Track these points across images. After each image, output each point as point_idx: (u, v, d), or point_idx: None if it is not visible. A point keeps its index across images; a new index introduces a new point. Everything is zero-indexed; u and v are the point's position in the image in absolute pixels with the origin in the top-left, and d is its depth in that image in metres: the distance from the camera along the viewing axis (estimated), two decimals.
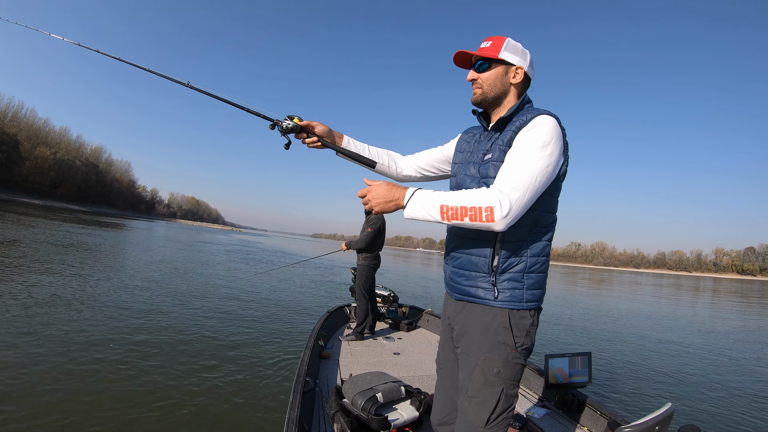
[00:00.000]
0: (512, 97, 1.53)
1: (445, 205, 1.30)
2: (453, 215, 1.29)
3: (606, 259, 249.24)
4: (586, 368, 3.06)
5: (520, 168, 1.30)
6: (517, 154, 1.34)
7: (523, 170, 1.29)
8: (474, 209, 1.26)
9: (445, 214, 1.29)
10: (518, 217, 1.28)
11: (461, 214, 1.27)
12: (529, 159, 1.31)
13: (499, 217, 1.24)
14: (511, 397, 1.41)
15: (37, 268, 9.26)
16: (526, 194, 1.28)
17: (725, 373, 6.76)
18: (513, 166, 1.32)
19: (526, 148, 1.33)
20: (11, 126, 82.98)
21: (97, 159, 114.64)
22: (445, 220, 1.30)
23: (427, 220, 1.33)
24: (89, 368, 4.15)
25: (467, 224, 1.29)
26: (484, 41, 1.52)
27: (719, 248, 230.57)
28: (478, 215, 1.25)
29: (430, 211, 1.32)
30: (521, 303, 1.40)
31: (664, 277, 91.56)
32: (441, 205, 1.30)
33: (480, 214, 1.25)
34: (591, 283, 35.80)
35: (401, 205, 1.38)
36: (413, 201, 1.35)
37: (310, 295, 11.11)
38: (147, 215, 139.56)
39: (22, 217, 26.44)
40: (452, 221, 1.30)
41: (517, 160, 1.33)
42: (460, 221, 1.28)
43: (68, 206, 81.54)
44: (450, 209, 1.29)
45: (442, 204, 1.30)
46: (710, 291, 39.16)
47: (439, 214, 1.30)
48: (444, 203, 1.30)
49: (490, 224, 1.25)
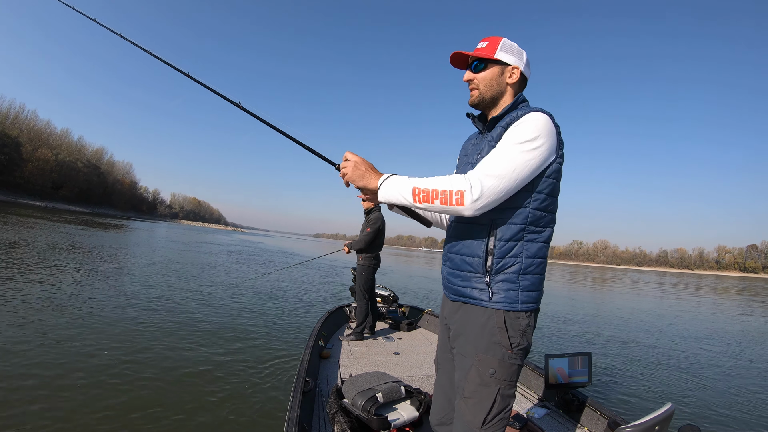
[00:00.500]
0: (508, 96, 1.54)
1: (417, 187, 1.32)
2: (424, 197, 1.31)
3: (608, 258, 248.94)
4: (586, 368, 3.06)
5: (499, 157, 1.31)
6: (500, 146, 1.36)
7: (502, 160, 1.30)
8: (445, 192, 1.28)
9: (417, 196, 1.32)
10: (491, 205, 1.30)
11: (432, 197, 1.30)
12: (511, 150, 1.32)
13: (468, 202, 1.26)
14: (507, 397, 1.41)
15: (34, 270, 9.28)
16: (501, 183, 1.28)
17: (726, 373, 6.74)
18: (493, 156, 1.33)
19: (510, 140, 1.34)
20: (13, 128, 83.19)
21: (98, 160, 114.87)
22: (416, 202, 1.33)
23: (401, 202, 1.36)
24: (89, 368, 4.15)
25: (437, 207, 1.31)
26: (480, 42, 1.53)
27: (722, 246, 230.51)
28: (449, 198, 1.28)
29: (404, 194, 1.34)
30: (516, 304, 1.39)
31: (666, 275, 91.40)
32: (413, 188, 1.33)
33: (450, 197, 1.27)
34: (592, 282, 35.77)
35: (374, 187, 1.40)
36: (387, 184, 1.38)
37: (311, 296, 11.12)
38: (149, 216, 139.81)
39: (23, 219, 26.52)
40: (423, 203, 1.32)
41: (498, 151, 1.34)
42: (431, 203, 1.31)
43: (70, 207, 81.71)
44: (422, 191, 1.31)
45: (414, 186, 1.33)
46: (712, 289, 39.03)
47: (411, 196, 1.33)
48: (417, 186, 1.32)
49: (459, 208, 1.27)
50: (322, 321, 4.64)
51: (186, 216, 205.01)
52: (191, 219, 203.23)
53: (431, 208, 1.32)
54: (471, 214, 1.29)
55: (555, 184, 1.43)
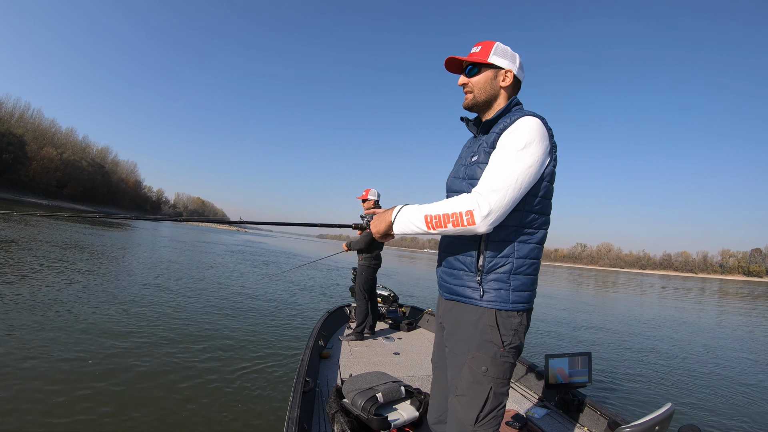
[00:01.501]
0: (502, 99, 1.56)
1: (428, 214, 1.35)
2: (437, 223, 1.34)
3: (612, 260, 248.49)
4: (586, 368, 3.06)
5: (500, 169, 1.33)
6: (498, 156, 1.38)
7: (503, 171, 1.33)
8: (455, 215, 1.31)
9: (430, 223, 1.35)
10: (501, 218, 1.32)
11: (444, 221, 1.33)
12: (510, 160, 1.34)
13: (479, 220, 1.28)
14: (500, 395, 1.42)
15: (34, 268, 9.34)
16: (507, 195, 1.30)
17: (726, 373, 6.72)
18: (493, 168, 1.35)
19: (507, 149, 1.36)
20: (18, 126, 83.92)
21: (103, 159, 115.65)
22: (431, 229, 1.36)
23: (415, 232, 1.40)
24: (88, 368, 4.17)
25: (452, 230, 1.34)
26: (474, 46, 1.56)
27: (725, 249, 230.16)
28: (460, 220, 1.31)
29: (416, 223, 1.38)
30: (507, 304, 1.41)
31: (669, 279, 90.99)
32: (425, 216, 1.36)
33: (461, 218, 1.30)
34: (595, 285, 35.66)
35: (389, 223, 1.46)
36: (399, 217, 1.43)
37: (311, 296, 11.14)
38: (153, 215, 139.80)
39: (27, 217, 26.63)
40: (437, 229, 1.35)
41: (497, 162, 1.36)
42: (445, 228, 1.34)
43: (74, 206, 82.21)
44: (434, 218, 1.34)
45: (425, 214, 1.36)
46: (716, 293, 38.88)
47: (424, 224, 1.36)
48: (427, 213, 1.36)
49: (472, 227, 1.30)
50: (322, 321, 4.64)
51: (190, 216, 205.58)
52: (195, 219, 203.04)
53: (446, 232, 1.35)
54: (486, 230, 1.31)
55: (549, 187, 1.44)
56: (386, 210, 1.50)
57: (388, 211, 1.48)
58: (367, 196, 4.93)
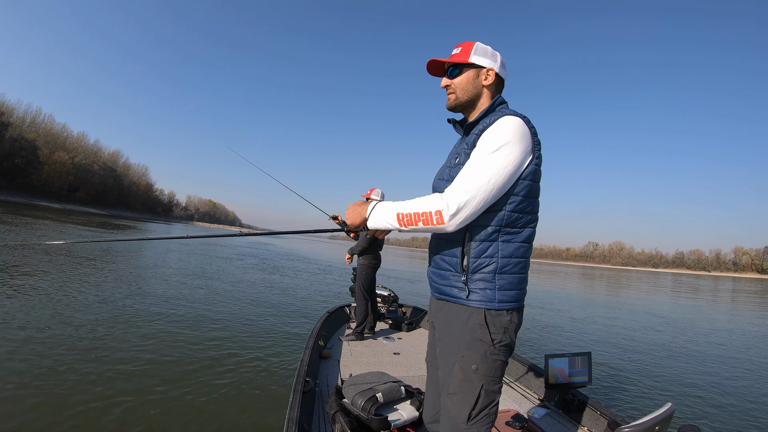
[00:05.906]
0: (486, 99, 1.57)
1: (400, 212, 1.39)
2: (408, 221, 1.38)
3: (624, 259, 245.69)
4: (586, 368, 3.03)
5: (473, 170, 1.35)
6: (473, 157, 1.39)
7: (475, 173, 1.34)
8: (426, 214, 1.34)
9: (402, 221, 1.39)
10: (470, 219, 1.34)
11: (415, 220, 1.37)
12: (483, 160, 1.34)
13: (447, 219, 1.32)
14: (492, 393, 1.43)
15: (41, 272, 9.47)
16: (477, 196, 1.32)
17: (726, 373, 6.64)
18: (467, 169, 1.37)
19: (482, 150, 1.37)
20: (30, 131, 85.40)
21: (114, 163, 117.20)
22: (402, 227, 1.40)
23: (388, 228, 1.46)
24: (89, 368, 4.21)
25: (422, 228, 1.38)
26: (455, 48, 1.57)
27: (739, 247, 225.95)
28: (429, 219, 1.34)
29: (389, 220, 1.42)
30: (493, 303, 1.41)
31: (682, 277, 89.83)
32: (397, 213, 1.40)
33: (431, 218, 1.34)
34: (606, 284, 35.30)
35: (363, 218, 1.49)
36: (374, 213, 1.46)
37: (311, 296, 11.17)
38: (164, 218, 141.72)
39: (38, 221, 27.06)
40: (408, 227, 1.39)
41: (471, 163, 1.38)
42: (416, 226, 1.38)
43: (86, 210, 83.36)
44: (405, 216, 1.38)
45: (398, 212, 1.40)
46: (729, 292, 38.16)
47: (397, 221, 1.41)
48: (400, 211, 1.40)
49: (441, 226, 1.34)
50: (322, 321, 4.65)
51: (201, 218, 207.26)
52: (206, 221, 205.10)
53: (417, 230, 1.39)
54: (454, 230, 1.35)
55: (532, 185, 1.43)
56: (362, 203, 1.53)
57: (365, 205, 1.51)
58: (371, 195, 4.94)
